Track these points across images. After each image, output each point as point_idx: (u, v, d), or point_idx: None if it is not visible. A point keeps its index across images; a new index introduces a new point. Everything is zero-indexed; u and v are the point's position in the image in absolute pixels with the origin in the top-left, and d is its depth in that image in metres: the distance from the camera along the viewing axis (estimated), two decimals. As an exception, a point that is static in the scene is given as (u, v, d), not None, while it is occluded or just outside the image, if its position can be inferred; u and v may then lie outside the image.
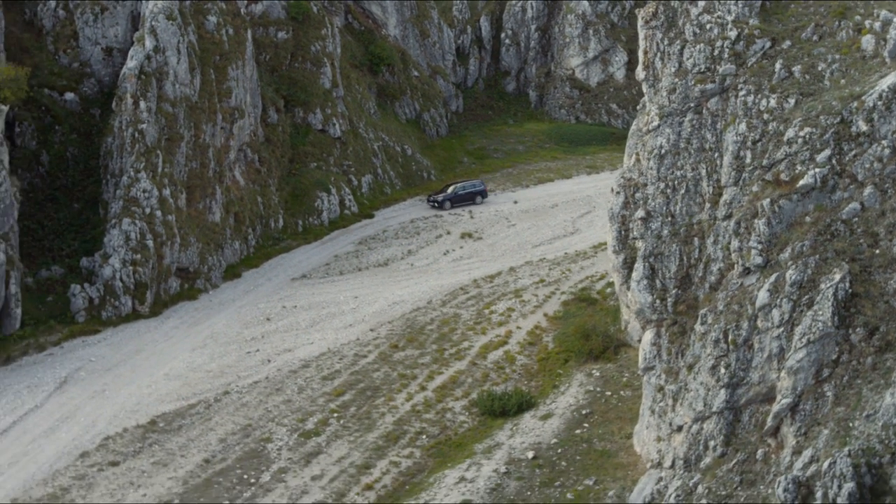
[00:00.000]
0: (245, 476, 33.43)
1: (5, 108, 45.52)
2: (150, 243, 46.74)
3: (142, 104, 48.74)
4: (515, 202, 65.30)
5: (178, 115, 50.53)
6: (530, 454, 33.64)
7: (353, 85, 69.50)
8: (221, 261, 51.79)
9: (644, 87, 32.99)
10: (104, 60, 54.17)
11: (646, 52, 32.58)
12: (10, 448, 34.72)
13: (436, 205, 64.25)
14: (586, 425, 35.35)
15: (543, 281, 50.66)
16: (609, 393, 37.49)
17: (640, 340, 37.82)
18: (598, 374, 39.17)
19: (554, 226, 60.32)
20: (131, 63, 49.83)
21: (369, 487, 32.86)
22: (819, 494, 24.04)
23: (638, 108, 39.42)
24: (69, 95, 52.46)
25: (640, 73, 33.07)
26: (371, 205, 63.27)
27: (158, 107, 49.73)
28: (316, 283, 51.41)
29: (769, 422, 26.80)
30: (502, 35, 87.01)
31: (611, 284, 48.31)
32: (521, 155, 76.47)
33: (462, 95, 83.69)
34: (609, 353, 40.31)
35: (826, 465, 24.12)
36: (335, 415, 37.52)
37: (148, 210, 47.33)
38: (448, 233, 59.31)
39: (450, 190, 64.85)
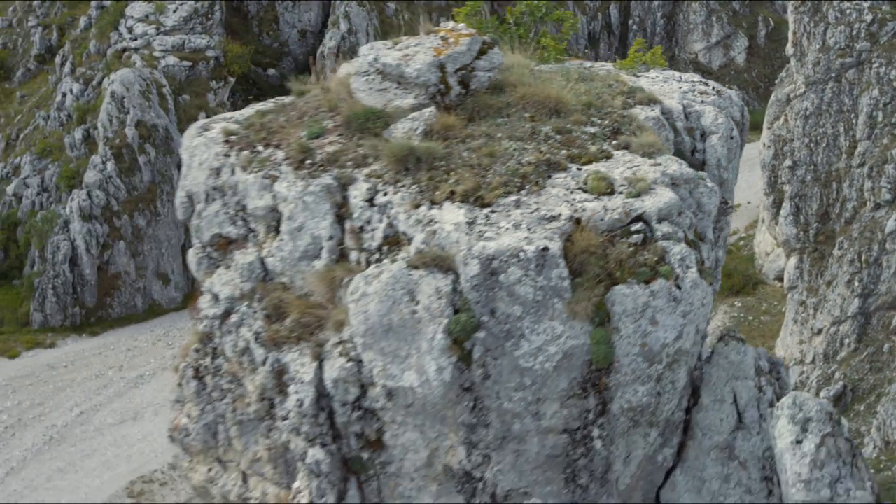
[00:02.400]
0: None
1: (232, 80, 54.57)
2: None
3: (340, 78, 57.35)
4: (648, 171, 72.34)
5: (367, 88, 59.06)
6: (690, 359, 41.25)
7: (500, 65, 77.38)
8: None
9: (791, 61, 40.21)
10: (299, 41, 63.01)
11: (794, 33, 39.80)
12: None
13: None
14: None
15: (682, 235, 57.81)
16: (751, 318, 44.84)
17: (775, 279, 45.21)
18: (739, 304, 46.50)
19: (686, 191, 67.29)
20: (330, 43, 58.46)
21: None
22: (935, 368, 31.40)
23: (776, 81, 46.61)
24: (271, 71, 61.41)
25: (789, 49, 40.28)
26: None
27: (352, 81, 58.31)
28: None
29: (894, 322, 34.06)
30: (629, 21, 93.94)
31: (743, 238, 55.42)
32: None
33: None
34: (748, 288, 47.49)
35: (941, 347, 31.43)
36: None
37: (346, 168, 55.90)
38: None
39: None
